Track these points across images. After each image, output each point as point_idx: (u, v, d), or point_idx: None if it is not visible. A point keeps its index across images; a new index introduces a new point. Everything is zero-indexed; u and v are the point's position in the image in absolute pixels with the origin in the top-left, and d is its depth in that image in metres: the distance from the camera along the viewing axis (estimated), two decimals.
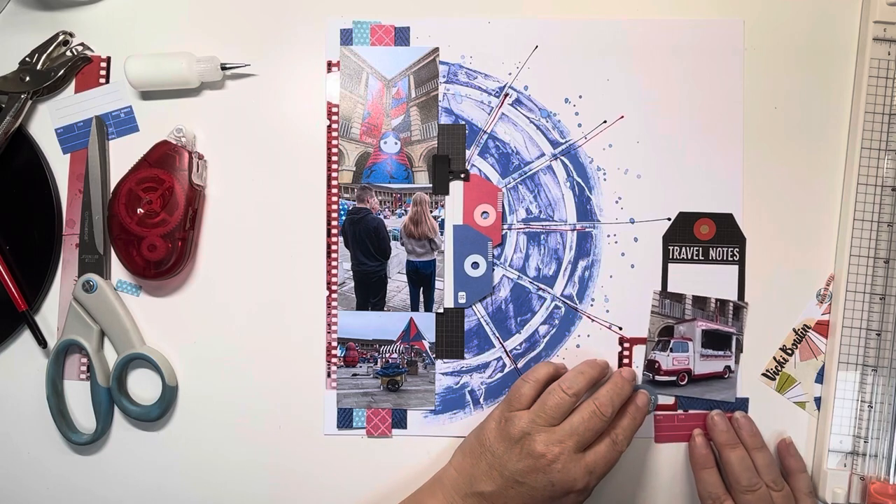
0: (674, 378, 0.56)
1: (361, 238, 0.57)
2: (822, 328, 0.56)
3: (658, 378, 0.56)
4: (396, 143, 0.57)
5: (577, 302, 0.56)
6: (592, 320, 0.56)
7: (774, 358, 0.56)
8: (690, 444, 0.55)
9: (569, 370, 0.53)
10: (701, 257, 0.56)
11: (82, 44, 0.57)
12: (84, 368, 0.57)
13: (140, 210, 0.54)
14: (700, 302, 0.56)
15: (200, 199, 0.56)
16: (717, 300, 0.56)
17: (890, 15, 0.54)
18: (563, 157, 0.57)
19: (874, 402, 0.54)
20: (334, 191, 0.57)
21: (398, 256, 0.57)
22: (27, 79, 0.56)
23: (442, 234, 0.57)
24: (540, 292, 0.57)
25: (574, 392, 0.50)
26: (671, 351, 0.56)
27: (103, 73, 0.57)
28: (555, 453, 0.48)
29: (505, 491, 0.48)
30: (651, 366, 0.56)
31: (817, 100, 0.56)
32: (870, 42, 0.54)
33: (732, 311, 0.56)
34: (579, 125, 0.56)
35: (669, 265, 0.56)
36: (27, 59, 0.56)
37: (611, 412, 0.50)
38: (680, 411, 0.56)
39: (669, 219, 0.56)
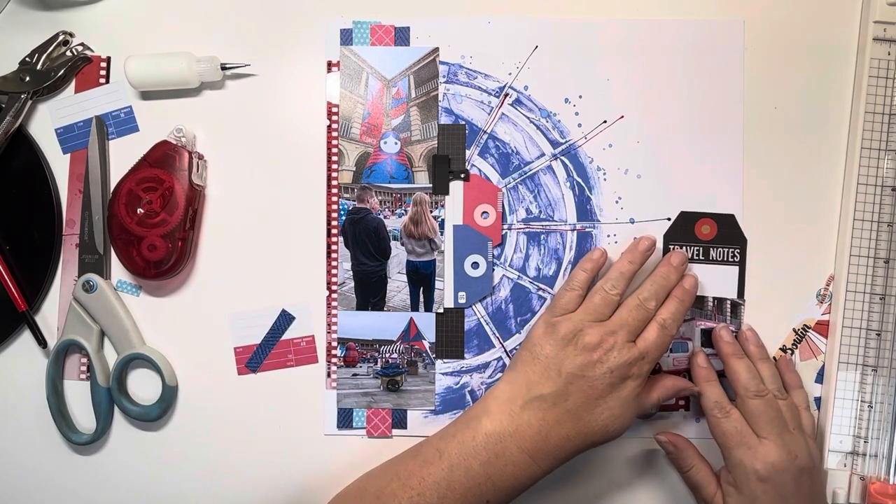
0: None
1: (361, 238, 0.57)
2: (822, 328, 0.56)
3: None
4: (396, 143, 0.57)
5: None
6: None
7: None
8: (692, 361, 0.54)
9: (611, 269, 0.53)
10: (701, 257, 0.56)
11: (82, 44, 0.57)
12: (84, 368, 0.57)
13: (140, 210, 0.54)
14: (698, 301, 0.56)
15: (200, 199, 0.56)
16: (714, 299, 0.56)
17: (890, 15, 0.54)
18: (563, 157, 0.57)
19: (874, 402, 0.54)
20: (334, 191, 0.57)
21: (398, 256, 0.57)
22: (27, 79, 0.56)
23: (442, 234, 0.57)
24: (540, 292, 0.57)
25: (618, 291, 0.51)
26: (671, 351, 0.56)
27: (103, 73, 0.57)
28: (609, 343, 0.49)
29: (566, 388, 0.48)
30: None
31: (817, 100, 0.56)
32: (870, 42, 0.54)
33: (730, 308, 0.56)
34: (579, 125, 0.56)
35: None
36: (27, 59, 0.56)
37: (654, 304, 0.51)
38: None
39: (669, 219, 0.56)
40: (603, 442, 0.49)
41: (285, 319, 0.57)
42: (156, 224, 0.54)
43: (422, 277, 0.57)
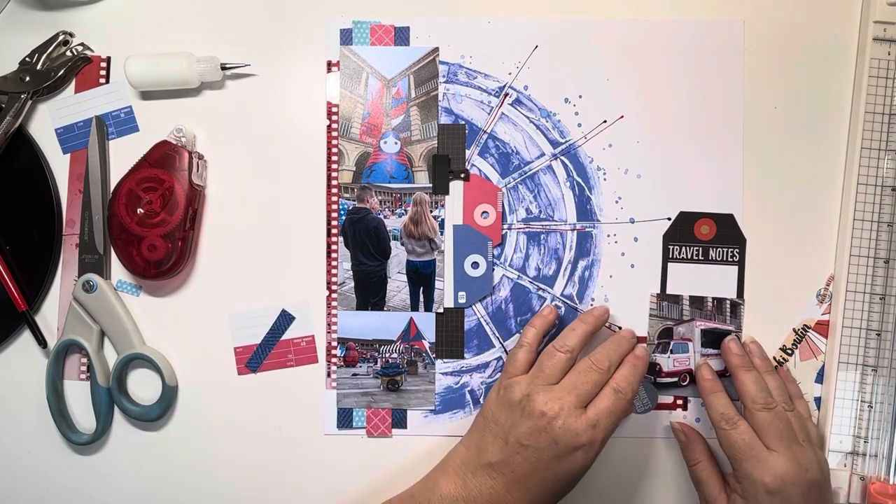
0: (675, 379, 0.56)
1: (361, 238, 0.57)
2: (822, 328, 0.56)
3: (659, 380, 0.56)
4: (396, 143, 0.57)
5: (577, 302, 0.56)
6: None
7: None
8: (697, 373, 0.54)
9: (563, 329, 0.52)
10: (701, 257, 0.56)
11: (82, 44, 0.57)
12: (84, 368, 0.57)
13: (140, 210, 0.54)
14: (697, 302, 0.56)
15: (200, 199, 0.56)
16: (713, 299, 0.56)
17: (890, 15, 0.54)
18: (563, 157, 0.57)
19: (874, 402, 0.54)
20: (334, 191, 0.57)
21: (398, 256, 0.57)
22: (27, 79, 0.56)
23: (442, 234, 0.57)
24: (540, 292, 0.57)
25: (569, 349, 0.50)
26: (671, 352, 0.56)
27: (103, 73, 0.57)
28: (555, 410, 0.47)
29: (511, 458, 0.48)
30: (652, 368, 0.56)
31: (817, 100, 0.56)
32: (870, 42, 0.54)
33: (730, 308, 0.56)
34: (579, 125, 0.56)
35: (669, 265, 0.56)
36: (27, 59, 0.56)
37: (607, 365, 0.49)
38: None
39: (669, 219, 0.56)
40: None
41: (285, 319, 0.57)
42: (156, 224, 0.54)
43: (422, 277, 0.57)
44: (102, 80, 0.57)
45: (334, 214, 0.57)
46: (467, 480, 0.49)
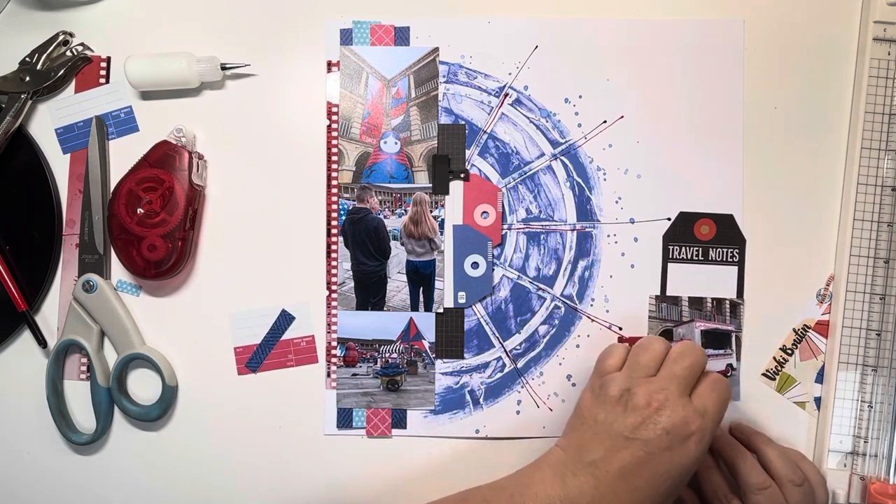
0: None
1: (361, 238, 0.57)
2: (822, 328, 0.56)
3: None
4: (396, 143, 0.57)
5: (577, 302, 0.56)
6: (592, 320, 0.56)
7: (774, 358, 0.56)
8: None
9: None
10: (701, 257, 0.56)
11: (82, 44, 0.57)
12: (84, 368, 0.57)
13: (140, 210, 0.54)
14: (697, 302, 0.56)
15: (200, 199, 0.56)
16: (713, 299, 0.56)
17: (890, 15, 0.54)
18: (563, 157, 0.57)
19: (874, 402, 0.54)
20: (334, 191, 0.57)
21: (398, 256, 0.57)
22: (27, 79, 0.56)
23: (442, 234, 0.57)
24: (540, 292, 0.57)
25: (662, 340, 0.49)
26: None
27: (103, 73, 0.57)
28: (659, 400, 0.45)
29: (617, 453, 0.44)
30: None
31: (817, 100, 0.56)
32: (870, 42, 0.54)
33: (729, 308, 0.56)
34: (579, 125, 0.56)
35: (669, 265, 0.56)
36: (27, 59, 0.56)
37: (698, 346, 0.48)
38: None
39: (669, 219, 0.56)
40: None
41: (285, 319, 0.57)
42: (156, 224, 0.54)
43: (422, 277, 0.57)
44: (102, 80, 0.57)
45: (334, 214, 0.57)
46: (567, 480, 0.45)
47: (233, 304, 0.57)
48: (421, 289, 0.57)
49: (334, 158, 0.57)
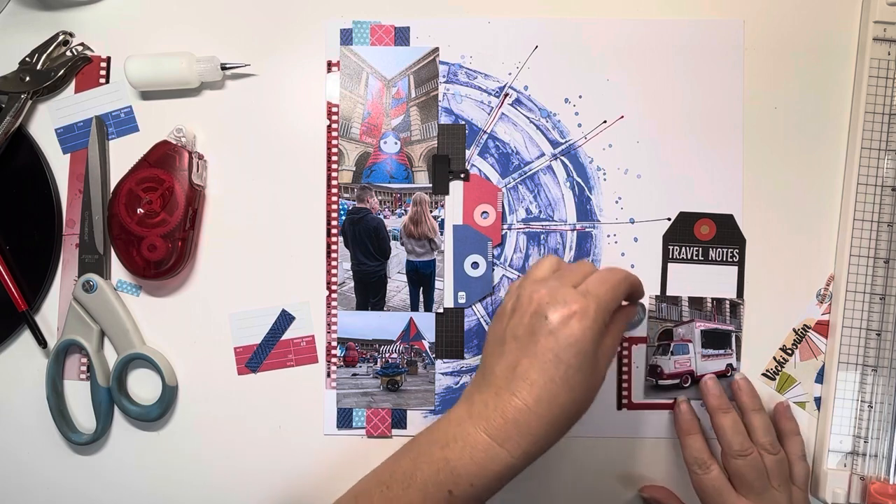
0: (677, 381, 0.56)
1: (361, 238, 0.57)
2: (822, 328, 0.56)
3: (661, 382, 0.56)
4: (396, 143, 0.57)
5: None
6: None
7: (774, 358, 0.56)
8: (675, 410, 0.54)
9: None
10: (700, 257, 0.56)
11: (82, 44, 0.57)
12: (84, 368, 0.57)
13: (140, 210, 0.54)
14: (696, 302, 0.56)
15: (200, 199, 0.56)
16: (713, 299, 0.56)
17: (890, 15, 0.54)
18: (563, 157, 0.57)
19: (874, 402, 0.54)
20: (334, 191, 0.57)
21: (398, 256, 0.57)
22: (27, 79, 0.56)
23: (442, 234, 0.57)
24: None
25: (554, 257, 0.47)
26: (672, 354, 0.56)
27: (103, 73, 0.57)
28: (542, 293, 0.43)
29: (507, 355, 0.43)
30: (653, 370, 0.56)
31: (817, 100, 0.56)
32: (870, 42, 0.54)
33: (729, 308, 0.56)
34: (579, 125, 0.56)
35: (669, 265, 0.56)
36: (27, 59, 0.56)
37: (590, 264, 0.46)
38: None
39: (669, 219, 0.56)
40: (573, 412, 0.42)
41: (285, 319, 0.57)
42: (156, 224, 0.54)
43: (422, 277, 0.57)
44: (102, 80, 0.57)
45: (334, 214, 0.57)
46: (473, 398, 0.43)
47: (233, 304, 0.57)
48: (421, 289, 0.57)
49: (334, 158, 0.57)
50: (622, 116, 0.56)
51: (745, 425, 0.53)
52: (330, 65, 0.57)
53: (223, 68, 0.55)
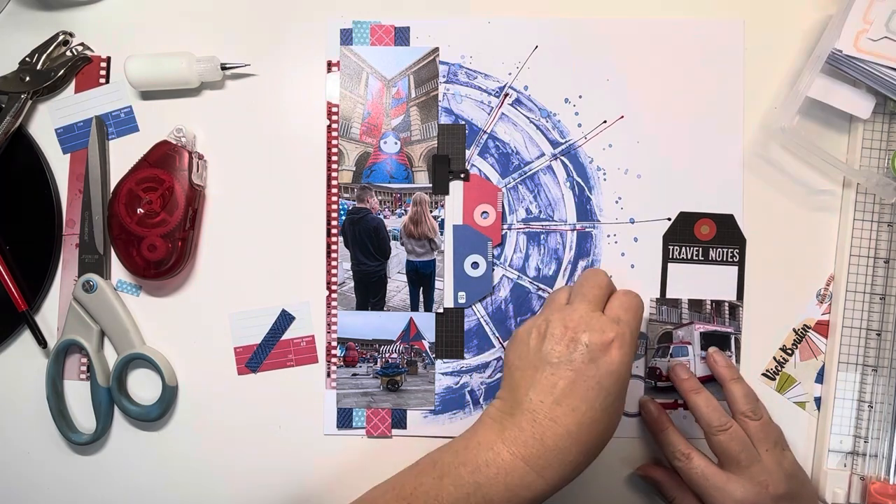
0: None
1: (361, 238, 0.57)
2: (822, 328, 0.56)
3: (660, 384, 0.56)
4: (396, 143, 0.57)
5: None
6: None
7: (774, 358, 0.56)
8: (643, 411, 0.54)
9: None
10: (701, 257, 0.56)
11: (82, 44, 0.57)
12: (84, 368, 0.57)
13: (140, 210, 0.54)
14: (696, 305, 0.56)
15: (200, 199, 0.56)
16: (712, 301, 0.56)
17: None
18: (563, 157, 0.57)
19: (874, 402, 0.54)
20: (334, 191, 0.57)
21: (398, 256, 0.57)
22: (27, 79, 0.56)
23: (442, 234, 0.57)
24: (540, 292, 0.57)
25: (566, 287, 0.50)
26: (671, 356, 0.56)
27: (103, 73, 0.57)
28: (574, 320, 0.45)
29: (545, 381, 0.44)
30: (652, 373, 0.56)
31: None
32: None
33: (728, 310, 0.56)
34: (579, 125, 0.56)
35: (669, 265, 0.56)
36: (27, 59, 0.56)
37: (604, 273, 0.48)
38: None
39: (669, 219, 0.56)
40: (607, 438, 0.45)
41: (285, 319, 0.57)
42: (156, 224, 0.54)
43: (422, 277, 0.57)
44: (102, 80, 0.57)
45: (334, 214, 0.57)
46: (505, 423, 0.44)
47: (233, 304, 0.57)
48: (421, 289, 0.57)
49: (334, 158, 0.57)
50: (622, 116, 0.56)
51: (726, 396, 0.52)
52: (330, 65, 0.57)
53: (223, 68, 0.55)
